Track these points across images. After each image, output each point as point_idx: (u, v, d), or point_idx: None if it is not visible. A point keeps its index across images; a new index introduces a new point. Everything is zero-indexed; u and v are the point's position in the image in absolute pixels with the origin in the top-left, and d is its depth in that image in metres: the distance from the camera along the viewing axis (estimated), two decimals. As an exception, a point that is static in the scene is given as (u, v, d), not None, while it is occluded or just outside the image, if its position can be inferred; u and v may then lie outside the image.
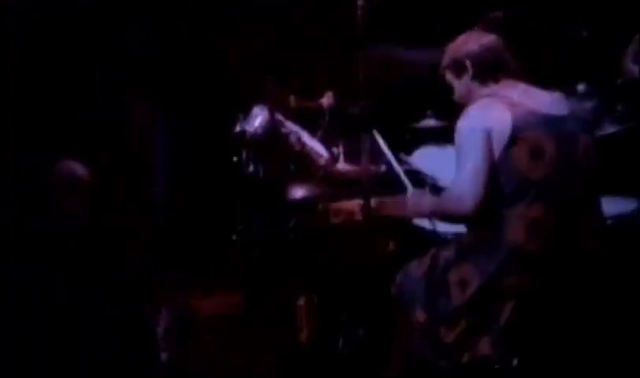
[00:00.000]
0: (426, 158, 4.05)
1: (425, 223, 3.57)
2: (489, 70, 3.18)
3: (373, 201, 3.21)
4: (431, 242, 3.54)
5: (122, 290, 3.18)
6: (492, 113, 3.02)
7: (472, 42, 3.24)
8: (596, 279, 3.06)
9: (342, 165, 3.83)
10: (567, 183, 3.01)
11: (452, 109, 4.18)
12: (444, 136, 4.08)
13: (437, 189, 3.52)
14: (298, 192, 3.40)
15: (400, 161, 3.62)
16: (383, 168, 3.77)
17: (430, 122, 4.21)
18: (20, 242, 3.19)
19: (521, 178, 2.97)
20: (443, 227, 3.51)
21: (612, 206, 3.39)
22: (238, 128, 3.24)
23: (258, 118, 3.25)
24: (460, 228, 3.36)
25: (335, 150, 3.87)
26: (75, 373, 3.08)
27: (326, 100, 3.96)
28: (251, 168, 3.24)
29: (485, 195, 2.97)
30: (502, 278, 3.00)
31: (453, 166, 3.98)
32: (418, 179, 3.74)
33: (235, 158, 4.41)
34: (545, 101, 3.10)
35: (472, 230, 3.12)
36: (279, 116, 3.40)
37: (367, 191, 2.88)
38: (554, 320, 3.02)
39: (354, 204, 3.58)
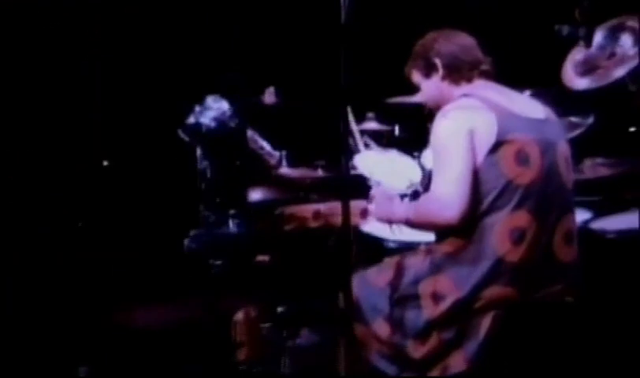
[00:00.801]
0: (367, 163, 3.84)
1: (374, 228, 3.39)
2: (461, 70, 3.01)
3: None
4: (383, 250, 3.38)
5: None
6: (475, 114, 2.85)
7: (443, 39, 3.05)
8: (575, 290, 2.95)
9: (285, 169, 3.56)
10: (550, 189, 2.88)
11: (395, 112, 4.04)
12: (387, 140, 3.92)
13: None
14: (255, 194, 3.13)
15: (366, 145, 3.42)
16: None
17: (371, 125, 4.02)
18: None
19: (506, 183, 2.81)
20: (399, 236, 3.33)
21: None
22: (192, 120, 2.92)
23: (213, 110, 2.94)
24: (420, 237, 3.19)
25: (277, 152, 3.60)
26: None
27: (268, 96, 3.67)
28: (202, 164, 2.92)
29: (470, 202, 2.79)
30: (483, 290, 2.83)
31: (397, 171, 3.82)
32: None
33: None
34: (522, 103, 2.97)
35: (448, 239, 2.92)
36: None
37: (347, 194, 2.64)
38: (536, 332, 2.88)
39: (307, 210, 3.34)
